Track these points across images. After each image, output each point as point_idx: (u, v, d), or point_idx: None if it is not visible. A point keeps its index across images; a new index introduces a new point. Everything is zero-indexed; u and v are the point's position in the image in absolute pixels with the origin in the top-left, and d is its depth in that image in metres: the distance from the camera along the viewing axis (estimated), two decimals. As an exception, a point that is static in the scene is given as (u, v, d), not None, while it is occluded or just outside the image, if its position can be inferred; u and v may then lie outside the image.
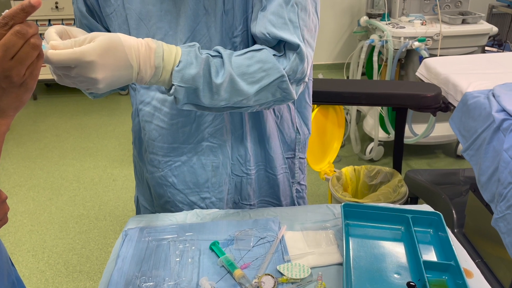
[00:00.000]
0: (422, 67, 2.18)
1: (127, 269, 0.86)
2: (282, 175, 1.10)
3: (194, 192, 1.04)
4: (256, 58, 0.83)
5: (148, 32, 0.90)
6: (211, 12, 0.88)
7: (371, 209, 0.97)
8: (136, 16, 0.90)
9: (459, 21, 2.74)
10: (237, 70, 0.82)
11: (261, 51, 0.84)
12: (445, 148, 3.15)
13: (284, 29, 0.83)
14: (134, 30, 0.91)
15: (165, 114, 0.96)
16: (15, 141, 3.47)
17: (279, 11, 0.83)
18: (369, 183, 2.18)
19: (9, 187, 2.87)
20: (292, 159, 1.11)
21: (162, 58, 0.76)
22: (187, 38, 0.89)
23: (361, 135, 3.16)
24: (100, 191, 2.81)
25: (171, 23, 0.89)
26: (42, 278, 2.15)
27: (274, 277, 0.82)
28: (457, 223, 2.07)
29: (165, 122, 0.97)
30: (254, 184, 1.08)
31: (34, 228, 2.50)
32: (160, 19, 0.89)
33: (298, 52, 0.83)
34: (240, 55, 0.84)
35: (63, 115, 3.87)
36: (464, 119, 1.78)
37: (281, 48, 0.85)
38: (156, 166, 1.03)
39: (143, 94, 0.98)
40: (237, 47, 0.91)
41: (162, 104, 0.96)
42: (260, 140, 1.03)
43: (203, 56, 0.80)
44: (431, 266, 0.83)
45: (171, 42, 0.85)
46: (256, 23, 0.86)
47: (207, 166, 1.02)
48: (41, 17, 3.88)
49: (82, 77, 0.70)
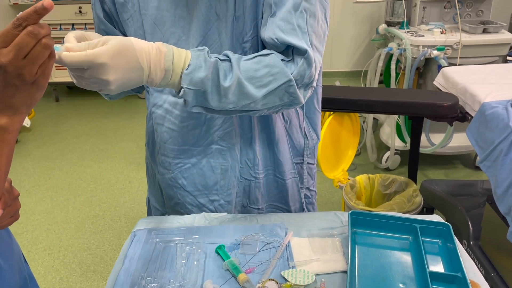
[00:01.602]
0: (440, 76, 2.16)
1: (134, 269, 0.87)
2: (291, 180, 1.10)
3: (203, 194, 1.06)
4: (264, 63, 0.84)
5: (162, 37, 0.93)
6: (223, 18, 0.90)
7: (379, 218, 0.96)
8: (151, 21, 0.92)
9: (480, 30, 2.70)
10: (245, 74, 0.83)
11: (269, 56, 0.85)
12: (463, 158, 3.10)
13: (293, 35, 0.84)
14: (149, 35, 0.94)
15: (176, 116, 0.99)
16: (37, 142, 3.56)
17: (287, 17, 0.84)
18: (384, 192, 2.16)
19: (29, 186, 2.94)
20: (301, 164, 1.11)
21: (172, 61, 0.78)
22: (199, 43, 0.92)
23: (378, 143, 3.13)
24: (116, 193, 2.85)
25: (184, 28, 0.92)
26: (56, 277, 2.19)
27: (277, 282, 0.82)
28: (473, 235, 2.03)
29: (175, 124, 0.99)
30: (263, 188, 1.08)
31: (51, 227, 2.55)
32: (173, 25, 0.92)
33: (305, 57, 0.85)
34: (248, 59, 0.85)
35: (84, 117, 3.95)
36: (481, 129, 1.75)
37: (289, 53, 0.87)
38: (167, 168, 1.05)
39: (156, 97, 1.01)
40: (247, 52, 0.93)
41: (173, 107, 0.98)
42: (269, 144, 1.04)
43: (212, 60, 0.82)
44: (437, 277, 0.82)
45: (183, 47, 0.87)
46: (266, 29, 0.88)
47: (216, 169, 1.03)
48: (65, 21, 3.99)
49: (94, 78, 0.72)
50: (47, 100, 4.40)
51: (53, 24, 4.01)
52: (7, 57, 0.56)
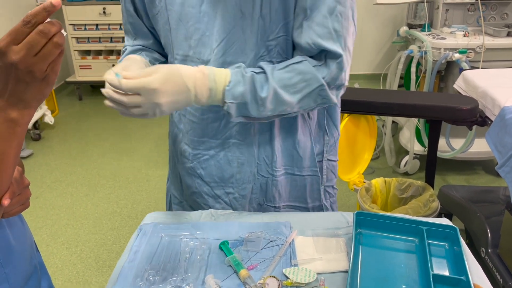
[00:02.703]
0: (461, 80, 2.12)
1: (138, 262, 0.89)
2: (311, 177, 1.10)
3: (220, 186, 1.07)
4: (297, 71, 0.90)
5: (186, 32, 0.95)
6: (248, 16, 0.91)
7: (385, 219, 0.95)
8: (176, 17, 0.95)
9: (504, 34, 2.64)
10: (280, 83, 0.90)
11: (301, 63, 0.91)
12: (485, 164, 3.02)
13: (329, 39, 0.89)
14: (174, 31, 0.97)
15: (196, 109, 1.01)
16: (59, 139, 3.65)
17: (323, 21, 0.89)
18: (400, 196, 2.13)
19: (50, 181, 3.02)
20: (321, 162, 1.11)
21: (214, 80, 0.86)
22: (223, 39, 0.93)
23: (397, 147, 3.09)
24: (133, 190, 2.89)
25: (208, 25, 0.93)
26: (73, 271, 2.23)
27: (278, 280, 0.82)
28: (492, 243, 1.98)
29: (196, 116, 1.01)
30: (280, 186, 1.08)
31: (70, 222, 2.61)
32: (198, 21, 0.94)
33: (338, 61, 0.90)
34: (282, 68, 0.91)
35: (105, 116, 4.03)
36: (500, 134, 1.71)
37: (322, 57, 0.91)
38: (187, 157, 1.07)
39: None
40: (271, 50, 0.94)
41: None
42: (289, 142, 1.05)
43: (248, 74, 0.89)
44: (441, 280, 0.81)
45: (207, 43, 0.93)
46: (302, 33, 0.91)
47: (232, 162, 1.04)
48: (89, 21, 4.08)
49: (148, 103, 0.80)
50: (71, 98, 4.51)
51: (77, 25, 4.11)
52: (19, 55, 0.58)
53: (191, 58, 0.96)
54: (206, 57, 0.94)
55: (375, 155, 3.14)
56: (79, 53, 4.26)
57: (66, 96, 4.57)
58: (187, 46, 0.96)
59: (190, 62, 0.96)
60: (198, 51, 0.95)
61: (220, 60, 0.93)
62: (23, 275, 0.87)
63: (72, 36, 4.16)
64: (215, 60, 0.94)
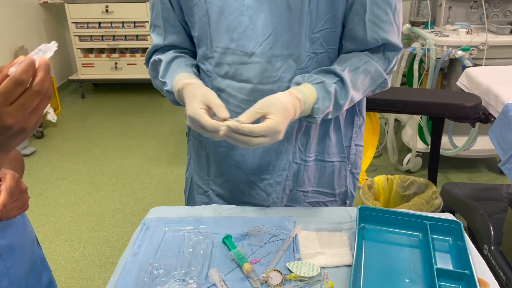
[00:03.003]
0: (463, 77, 2.11)
1: (142, 256, 0.89)
2: (339, 163, 1.13)
3: (256, 174, 1.08)
4: (366, 71, 0.98)
5: (228, 25, 0.95)
6: (296, 10, 0.92)
7: (388, 214, 0.95)
8: (217, 9, 0.95)
9: (507, 31, 2.63)
10: (353, 85, 0.97)
11: (368, 63, 0.98)
12: (488, 162, 3.02)
13: (392, 33, 0.97)
14: (214, 23, 0.96)
15: (241, 100, 1.00)
16: (62, 137, 3.65)
17: (387, 18, 0.95)
18: (402, 193, 2.13)
19: (53, 179, 3.02)
20: (348, 147, 1.13)
21: (306, 102, 0.91)
22: (270, 33, 0.94)
23: (400, 145, 3.09)
24: (136, 188, 2.90)
25: (252, 18, 0.94)
26: (76, 267, 2.24)
27: (282, 273, 0.82)
28: (494, 240, 1.97)
29: (241, 108, 1.00)
30: (310, 171, 1.10)
31: (73, 219, 2.61)
32: (241, 14, 0.94)
33: (397, 53, 0.99)
34: (353, 71, 0.96)
35: (108, 114, 4.04)
36: (504, 131, 1.70)
37: (380, 50, 0.98)
38: (224, 146, 1.07)
39: (219, 81, 1.02)
40: (315, 42, 0.97)
41: (239, 92, 1.00)
42: (323, 129, 1.07)
43: (332, 89, 0.93)
44: (445, 274, 0.81)
45: (250, 36, 0.94)
46: (365, 29, 0.95)
47: (271, 151, 1.05)
48: (92, 20, 4.08)
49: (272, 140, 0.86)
50: (73, 96, 4.52)
51: (80, 23, 4.12)
52: (14, 118, 0.56)
53: (233, 50, 0.97)
54: (250, 50, 0.96)
55: (378, 153, 3.14)
56: (81, 51, 4.26)
57: (69, 94, 4.58)
58: (228, 39, 0.96)
59: (231, 55, 0.97)
60: (242, 44, 0.96)
61: (268, 53, 0.95)
62: (23, 270, 0.87)
63: (75, 34, 4.16)
64: (262, 53, 0.95)
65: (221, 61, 0.99)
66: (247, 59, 0.96)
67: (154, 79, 1.09)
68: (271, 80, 0.97)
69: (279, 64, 0.96)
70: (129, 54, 4.26)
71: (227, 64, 0.98)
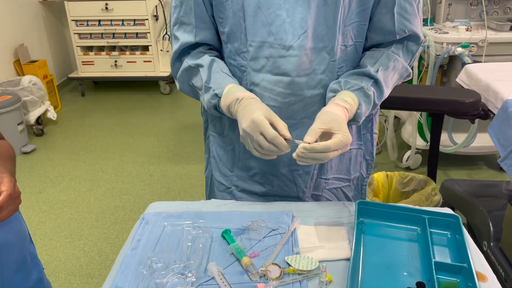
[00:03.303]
0: (463, 73, 2.11)
1: (141, 250, 0.89)
2: (356, 150, 1.16)
3: (287, 165, 1.10)
4: (396, 69, 1.04)
5: (265, 19, 0.97)
6: (331, 4, 0.96)
7: (387, 208, 0.96)
8: (254, 4, 0.97)
9: (507, 28, 2.63)
10: (386, 84, 1.03)
11: (397, 61, 1.04)
12: (487, 159, 3.02)
13: (417, 25, 1.03)
14: (250, 18, 0.98)
15: (278, 93, 1.02)
16: (62, 134, 3.66)
17: (412, 10, 1.01)
18: (402, 190, 2.13)
19: (54, 176, 3.03)
20: (365, 134, 1.16)
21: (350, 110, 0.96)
22: (308, 26, 0.96)
23: (399, 142, 3.09)
24: (136, 185, 2.90)
25: (289, 12, 0.96)
26: (76, 264, 2.24)
27: (280, 267, 0.83)
28: (494, 236, 1.98)
29: (277, 101, 1.03)
30: (333, 159, 1.12)
31: (73, 216, 2.62)
32: (279, 7, 0.96)
33: (419, 46, 1.05)
34: (385, 70, 1.02)
35: (108, 112, 4.04)
36: (503, 127, 1.70)
37: (404, 41, 1.05)
38: None
39: (253, 76, 1.03)
40: (346, 35, 1.01)
41: (275, 85, 1.02)
42: None
43: (371, 93, 1.00)
44: (444, 267, 0.81)
45: (288, 29, 0.97)
46: (394, 21, 1.01)
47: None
48: (92, 17, 4.08)
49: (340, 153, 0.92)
50: (73, 94, 4.52)
51: (80, 21, 4.11)
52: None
53: (270, 44, 0.98)
54: (288, 43, 0.97)
55: (377, 150, 3.14)
56: (81, 49, 4.26)
57: (69, 92, 4.58)
58: (266, 33, 0.98)
59: (268, 48, 0.99)
60: (280, 37, 0.97)
61: (305, 46, 0.97)
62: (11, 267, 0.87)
63: (75, 32, 4.16)
64: (300, 46, 0.97)
65: (257, 55, 1.00)
66: (285, 52, 0.98)
67: (183, 85, 1.10)
68: (306, 73, 1.00)
69: (313, 56, 0.99)
70: (129, 52, 4.26)
71: (264, 57, 1.00)
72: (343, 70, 1.05)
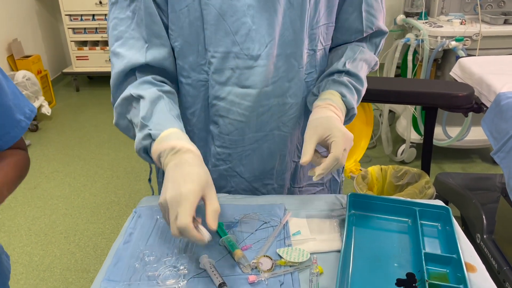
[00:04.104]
0: (457, 67, 2.12)
1: (133, 243, 0.89)
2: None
3: (259, 180, 1.05)
4: (363, 59, 1.01)
5: (228, 28, 0.88)
6: (297, 6, 0.89)
7: (379, 200, 0.96)
8: (215, 12, 0.87)
9: (501, 21, 2.64)
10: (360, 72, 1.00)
11: (362, 52, 1.01)
12: (481, 152, 3.04)
13: (382, 20, 1.01)
14: (212, 27, 0.88)
15: (246, 108, 0.95)
16: (57, 130, 3.65)
17: (377, 5, 0.99)
18: (396, 183, 2.14)
19: (48, 172, 3.02)
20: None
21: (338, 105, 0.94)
22: (275, 32, 0.90)
23: (394, 136, 3.10)
24: (132, 180, 2.90)
25: (255, 18, 0.88)
26: (72, 259, 2.25)
27: (272, 259, 0.83)
28: (487, 229, 1.99)
29: (245, 115, 0.96)
30: (305, 167, 1.10)
31: (68, 211, 2.62)
32: (244, 14, 0.87)
33: (384, 37, 1.05)
34: (353, 61, 0.99)
35: (103, 107, 4.03)
36: (496, 120, 1.71)
37: (368, 36, 1.03)
38: (223, 160, 1.03)
39: (217, 89, 0.95)
40: (314, 39, 0.95)
41: (243, 99, 0.94)
42: None
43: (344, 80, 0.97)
44: (433, 258, 0.82)
45: (254, 37, 0.88)
46: (361, 18, 0.98)
47: (275, 154, 1.03)
48: (86, 12, 4.06)
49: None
50: (68, 89, 4.50)
51: (74, 15, 4.09)
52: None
53: (236, 54, 0.90)
54: (256, 52, 0.90)
55: (372, 144, 3.15)
56: (75, 44, 4.24)
57: (63, 87, 4.56)
58: (230, 42, 0.89)
59: (234, 59, 0.90)
60: (246, 47, 0.89)
61: (273, 54, 0.91)
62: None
63: (69, 27, 4.14)
64: (268, 55, 0.90)
65: (221, 66, 0.91)
66: (253, 63, 0.90)
67: (120, 118, 0.92)
68: (273, 81, 0.94)
69: (280, 63, 0.93)
70: (123, 46, 4.24)
71: (230, 69, 0.91)
72: (313, 76, 1.00)
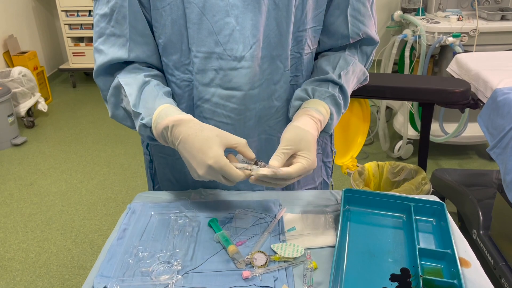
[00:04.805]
0: (454, 63, 2.12)
1: (127, 239, 0.89)
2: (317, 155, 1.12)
3: (249, 185, 1.04)
4: (354, 73, 0.98)
5: (211, 28, 0.87)
6: (283, 7, 0.88)
7: (373, 196, 0.96)
8: (197, 10, 0.86)
9: (498, 17, 2.63)
10: (348, 89, 0.97)
11: (355, 64, 0.98)
12: (478, 149, 3.04)
13: (371, 27, 0.97)
14: (194, 25, 0.87)
15: (231, 110, 0.93)
16: (53, 126, 3.64)
17: (366, 12, 0.95)
18: (392, 179, 2.14)
19: (45, 168, 3.01)
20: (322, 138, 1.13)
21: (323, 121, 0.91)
22: (259, 33, 0.88)
23: (391, 132, 3.10)
24: (128, 177, 2.89)
25: (238, 18, 0.86)
26: (68, 256, 2.24)
27: (266, 255, 0.83)
28: (483, 225, 2.00)
29: (230, 118, 0.94)
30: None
31: (65, 208, 2.61)
32: (227, 14, 0.86)
33: (375, 47, 1.00)
34: (345, 74, 0.95)
35: (99, 103, 4.02)
36: (492, 116, 1.71)
37: (357, 45, 1.00)
38: None
39: (201, 91, 0.93)
40: (300, 41, 0.93)
41: (228, 101, 0.93)
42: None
43: (341, 101, 0.94)
44: (428, 254, 0.82)
45: (238, 38, 0.87)
46: (347, 23, 0.95)
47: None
48: (82, 8, 4.04)
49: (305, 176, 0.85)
50: (64, 86, 4.49)
51: (70, 11, 4.07)
52: None
53: (219, 55, 0.88)
54: (239, 54, 0.88)
55: (369, 140, 3.15)
56: (72, 40, 4.22)
57: (60, 84, 4.55)
58: (212, 42, 0.87)
59: (217, 60, 0.89)
60: (230, 48, 0.87)
61: (258, 56, 0.89)
62: None
63: (65, 23, 4.12)
64: (253, 56, 0.88)
65: (204, 67, 0.90)
66: (237, 64, 0.88)
67: (115, 108, 0.93)
68: (258, 84, 0.92)
69: (266, 65, 0.92)
70: (120, 42, 4.22)
71: (213, 70, 0.90)
72: (298, 80, 0.98)
